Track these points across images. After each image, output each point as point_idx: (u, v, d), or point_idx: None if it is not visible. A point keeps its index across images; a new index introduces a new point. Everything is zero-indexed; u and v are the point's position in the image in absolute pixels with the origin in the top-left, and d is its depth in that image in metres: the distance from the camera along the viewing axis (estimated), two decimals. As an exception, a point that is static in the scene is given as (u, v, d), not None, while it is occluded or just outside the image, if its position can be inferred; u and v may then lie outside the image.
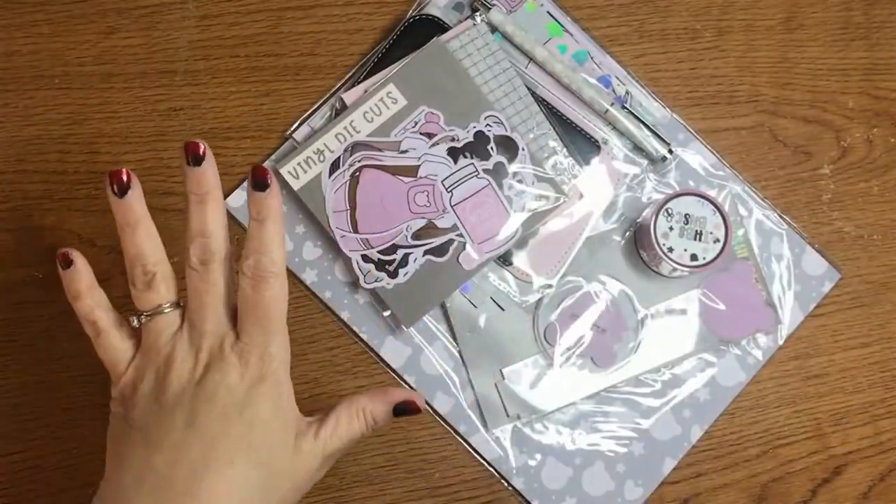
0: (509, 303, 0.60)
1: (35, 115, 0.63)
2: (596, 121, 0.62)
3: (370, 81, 0.61)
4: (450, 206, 0.59)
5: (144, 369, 0.47)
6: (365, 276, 0.59)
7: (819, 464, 0.61)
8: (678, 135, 0.63)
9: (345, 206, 0.59)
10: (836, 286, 0.62)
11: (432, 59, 0.60)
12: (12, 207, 0.62)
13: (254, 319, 0.46)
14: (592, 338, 0.60)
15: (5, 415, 0.60)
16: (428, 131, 0.60)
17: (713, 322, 0.60)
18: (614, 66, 0.63)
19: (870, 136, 0.64)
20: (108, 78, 0.63)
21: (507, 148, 0.60)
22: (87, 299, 0.48)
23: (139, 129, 0.63)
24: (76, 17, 0.64)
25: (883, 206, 0.63)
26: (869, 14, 0.65)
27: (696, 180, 0.62)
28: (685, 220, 0.58)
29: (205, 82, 0.63)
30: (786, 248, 0.62)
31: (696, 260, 0.58)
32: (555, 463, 0.59)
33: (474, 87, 0.60)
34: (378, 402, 0.48)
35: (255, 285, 0.45)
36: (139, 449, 0.45)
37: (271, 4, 0.64)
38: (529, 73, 0.62)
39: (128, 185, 0.48)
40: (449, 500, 0.60)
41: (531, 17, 0.63)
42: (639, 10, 0.65)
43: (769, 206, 0.62)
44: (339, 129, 0.60)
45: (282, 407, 0.46)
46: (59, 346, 0.60)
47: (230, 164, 0.62)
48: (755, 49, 0.65)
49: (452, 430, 0.60)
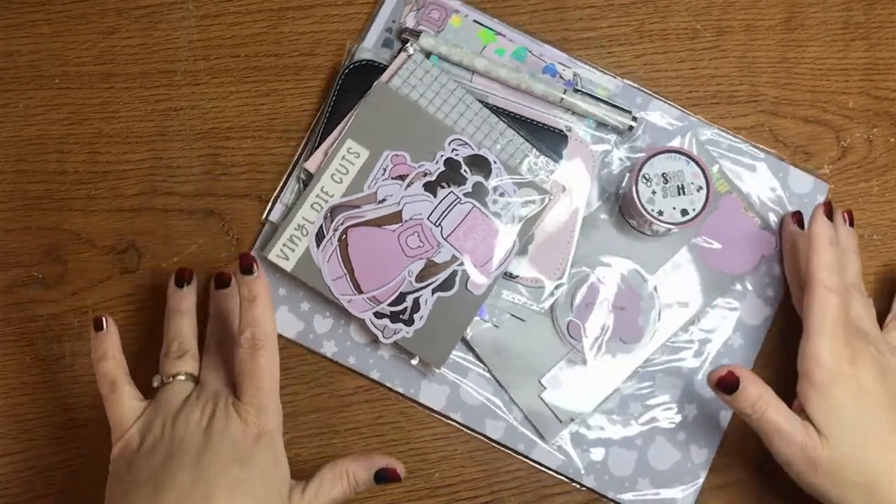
0: (528, 313, 0.60)
1: (35, 115, 0.63)
2: (555, 111, 0.62)
3: (327, 143, 0.60)
4: (443, 239, 0.58)
5: (152, 423, 0.52)
6: (382, 332, 0.58)
7: (819, 464, 0.61)
8: (636, 99, 0.63)
9: (342, 272, 0.58)
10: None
11: (380, 103, 0.60)
12: (12, 207, 0.62)
13: (250, 382, 0.52)
14: (614, 319, 0.60)
15: (5, 415, 0.60)
16: (399, 174, 0.59)
17: (719, 262, 0.61)
18: (554, 53, 0.63)
19: (870, 136, 0.64)
20: (108, 78, 0.63)
21: (480, 166, 0.59)
22: (111, 361, 0.54)
23: (139, 129, 0.63)
24: (76, 17, 0.64)
25: (883, 206, 0.63)
26: (869, 14, 0.65)
27: (665, 138, 0.62)
28: (664, 180, 0.58)
29: (205, 82, 0.63)
30: (769, 174, 0.62)
31: (687, 213, 0.58)
32: (618, 451, 0.60)
33: (430, 117, 0.60)
34: (361, 467, 0.53)
35: (252, 353, 0.52)
36: (143, 499, 0.48)
37: (271, 4, 0.64)
38: (477, 85, 0.62)
39: (189, 279, 0.58)
40: (449, 500, 0.60)
41: (460, 31, 0.62)
42: (639, 10, 0.65)
43: (740, 139, 0.63)
44: (311, 199, 0.59)
45: (278, 460, 0.51)
46: (59, 346, 0.60)
47: (230, 163, 0.62)
48: (755, 49, 0.65)
49: (512, 451, 0.60)
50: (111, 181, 0.62)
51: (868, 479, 0.50)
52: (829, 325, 0.52)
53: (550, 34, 0.64)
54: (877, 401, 0.52)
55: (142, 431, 0.52)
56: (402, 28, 0.62)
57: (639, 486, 0.59)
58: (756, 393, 0.52)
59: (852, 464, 0.51)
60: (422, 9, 0.62)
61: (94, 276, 0.61)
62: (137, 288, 0.61)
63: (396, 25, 0.62)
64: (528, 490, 0.60)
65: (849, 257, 0.58)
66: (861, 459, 0.51)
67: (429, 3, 0.62)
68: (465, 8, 0.63)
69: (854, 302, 0.56)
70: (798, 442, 0.51)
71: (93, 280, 0.61)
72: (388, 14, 0.63)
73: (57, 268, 0.61)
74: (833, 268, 0.54)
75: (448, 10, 0.63)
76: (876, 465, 0.51)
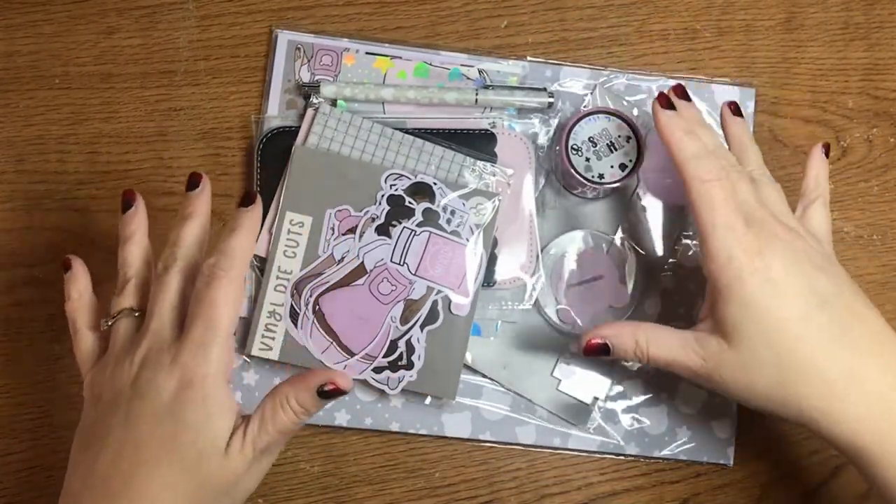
0: (517, 314, 0.60)
1: (35, 115, 0.63)
2: (475, 113, 0.62)
3: (268, 222, 0.59)
4: (412, 274, 0.58)
5: (96, 375, 0.48)
6: (387, 384, 0.57)
7: (819, 464, 0.61)
8: (545, 73, 0.63)
9: (328, 341, 0.57)
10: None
11: (305, 166, 0.59)
12: (12, 207, 0.62)
13: (198, 315, 0.46)
14: (597, 290, 0.60)
15: (5, 415, 0.60)
16: (348, 227, 0.58)
17: (674, 195, 0.61)
18: (454, 57, 0.63)
19: (869, 136, 0.64)
20: (108, 78, 0.63)
21: (423, 192, 0.59)
22: (75, 302, 0.51)
23: (139, 129, 0.63)
24: (76, 17, 0.64)
25: (883, 206, 0.63)
26: (869, 14, 0.65)
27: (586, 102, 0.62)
28: (593, 144, 0.59)
29: (205, 82, 0.63)
30: (694, 99, 0.61)
31: (626, 166, 0.58)
32: (649, 412, 0.60)
33: (358, 163, 0.59)
34: (300, 389, 0.46)
35: (209, 282, 0.46)
36: (85, 452, 0.46)
37: (271, 4, 0.64)
38: (392, 115, 0.61)
39: (133, 200, 0.52)
40: (449, 500, 0.60)
41: (356, 67, 0.62)
42: (639, 10, 0.65)
43: (651, 75, 0.63)
44: (272, 282, 0.58)
45: (211, 412, 0.45)
46: (59, 346, 0.60)
47: (230, 164, 0.62)
48: (755, 49, 0.65)
49: (550, 449, 0.60)
50: (111, 181, 0.62)
51: (782, 377, 0.47)
52: (721, 217, 0.48)
53: (550, 34, 0.64)
54: (790, 289, 0.47)
55: (90, 386, 0.48)
56: (300, 85, 0.61)
57: (678, 436, 0.60)
58: (630, 343, 0.50)
59: (764, 363, 0.47)
60: (312, 59, 0.62)
61: (95, 276, 0.61)
62: (137, 288, 0.61)
63: (293, 84, 0.62)
64: (528, 490, 0.60)
65: (743, 146, 0.54)
66: (774, 357, 0.47)
67: (317, 51, 0.62)
68: (354, 44, 0.62)
69: (762, 187, 0.51)
70: (694, 366, 0.49)
71: (93, 280, 0.61)
72: (280, 76, 0.62)
73: (57, 268, 0.61)
74: (701, 155, 0.49)
75: (338, 52, 0.62)
76: (789, 361, 0.47)
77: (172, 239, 0.50)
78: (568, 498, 0.60)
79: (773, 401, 0.48)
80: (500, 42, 0.64)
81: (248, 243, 0.48)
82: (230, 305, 0.46)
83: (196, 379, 0.45)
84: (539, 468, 0.60)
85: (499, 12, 0.64)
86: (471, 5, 0.64)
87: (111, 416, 0.45)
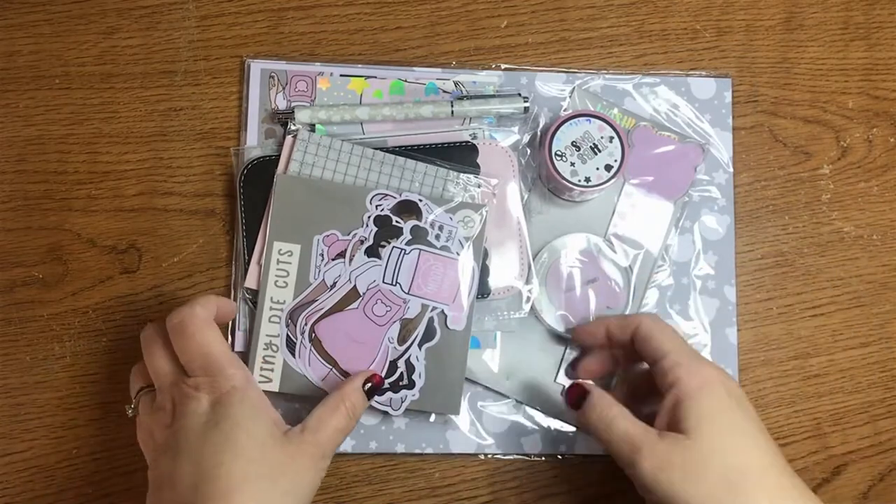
0: (515, 323, 0.60)
1: (35, 115, 0.63)
2: (453, 125, 0.61)
3: (256, 254, 0.59)
4: (405, 294, 0.58)
5: (146, 442, 0.52)
6: (391, 405, 0.57)
7: (819, 464, 0.61)
8: (521, 80, 0.63)
9: (327, 368, 0.57)
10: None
11: (288, 195, 0.58)
12: (12, 207, 0.62)
13: (191, 359, 0.50)
14: (593, 294, 0.60)
15: (5, 415, 0.60)
16: (337, 252, 0.58)
17: (661, 191, 0.61)
18: (429, 72, 0.63)
19: (869, 137, 0.64)
20: (108, 78, 0.63)
21: (409, 210, 0.58)
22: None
23: (139, 129, 0.63)
24: (76, 17, 0.64)
25: (883, 206, 0.63)
26: (869, 14, 0.65)
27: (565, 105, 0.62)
28: (576, 148, 0.59)
29: (205, 82, 0.63)
30: (671, 93, 0.62)
31: (612, 167, 0.59)
32: None
33: (341, 186, 0.59)
34: (351, 391, 0.52)
35: (180, 333, 0.50)
36: (159, 493, 0.48)
37: (271, 4, 0.64)
38: (371, 135, 0.61)
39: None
40: (449, 500, 0.60)
41: (332, 91, 0.62)
42: (639, 10, 0.65)
43: (625, 76, 0.63)
44: (266, 314, 0.58)
45: (257, 408, 0.50)
46: (59, 346, 0.60)
47: (230, 163, 0.62)
48: (755, 49, 0.65)
49: (558, 456, 0.60)
50: (111, 181, 0.62)
51: (734, 477, 0.48)
52: (679, 337, 0.53)
53: (550, 34, 0.64)
54: (745, 401, 0.51)
55: (141, 441, 0.52)
56: (276, 112, 0.61)
57: None
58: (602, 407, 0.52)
59: (719, 463, 0.48)
60: (287, 86, 0.62)
61: (95, 276, 0.61)
62: (137, 288, 0.61)
63: (269, 112, 0.62)
64: (528, 490, 0.60)
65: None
66: (730, 458, 0.48)
67: (291, 77, 0.62)
68: (328, 67, 0.62)
69: None
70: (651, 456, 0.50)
71: (93, 280, 0.61)
72: (257, 105, 0.62)
73: (57, 268, 0.61)
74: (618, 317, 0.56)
75: (313, 77, 0.62)
76: (745, 462, 0.48)
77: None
78: (568, 498, 0.60)
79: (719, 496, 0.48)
80: (500, 42, 0.64)
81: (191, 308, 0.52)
82: (205, 335, 0.51)
83: (223, 395, 0.49)
84: (540, 468, 0.60)
85: (499, 12, 0.64)
86: (471, 5, 0.64)
87: (161, 460, 0.49)
